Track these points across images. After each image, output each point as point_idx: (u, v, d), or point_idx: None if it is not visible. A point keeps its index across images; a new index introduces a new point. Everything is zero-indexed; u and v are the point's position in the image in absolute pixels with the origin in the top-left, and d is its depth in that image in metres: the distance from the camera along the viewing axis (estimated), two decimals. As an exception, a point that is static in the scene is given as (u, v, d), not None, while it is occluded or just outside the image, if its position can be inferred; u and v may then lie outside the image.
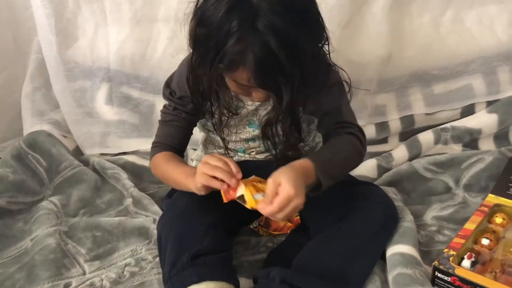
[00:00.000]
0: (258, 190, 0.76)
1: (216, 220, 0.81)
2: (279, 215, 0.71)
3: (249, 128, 0.94)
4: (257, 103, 0.91)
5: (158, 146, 0.94)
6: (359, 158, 0.88)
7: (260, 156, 0.97)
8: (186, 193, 0.85)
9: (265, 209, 0.72)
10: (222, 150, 0.99)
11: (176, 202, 0.88)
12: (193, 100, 0.89)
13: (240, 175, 0.76)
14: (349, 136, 0.87)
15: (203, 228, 0.79)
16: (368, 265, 0.82)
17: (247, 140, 0.96)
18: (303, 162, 0.78)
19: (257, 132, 0.93)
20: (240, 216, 0.93)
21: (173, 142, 0.93)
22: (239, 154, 0.98)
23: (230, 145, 0.97)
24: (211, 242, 0.77)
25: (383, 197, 0.88)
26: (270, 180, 0.73)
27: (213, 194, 0.85)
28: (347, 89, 0.91)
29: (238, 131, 0.95)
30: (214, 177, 0.75)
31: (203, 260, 0.75)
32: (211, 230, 0.79)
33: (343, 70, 0.90)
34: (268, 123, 0.81)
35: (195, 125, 0.97)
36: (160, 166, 0.92)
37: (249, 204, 0.74)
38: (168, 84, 0.95)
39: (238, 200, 0.75)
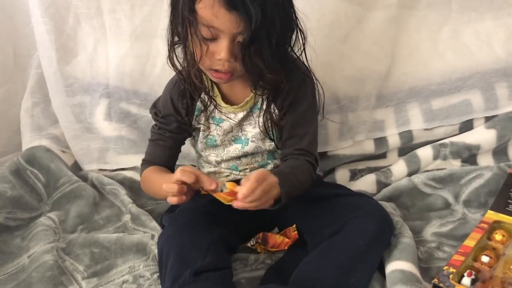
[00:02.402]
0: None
1: (217, 237, 0.82)
2: (257, 193, 0.74)
3: (236, 144, 0.96)
4: (240, 116, 0.92)
5: (145, 163, 0.99)
6: (310, 186, 0.93)
7: None
8: (188, 209, 0.86)
9: (244, 187, 0.74)
10: (217, 169, 0.99)
11: (178, 217, 0.88)
12: (177, 119, 0.94)
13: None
14: (306, 163, 0.93)
15: (205, 245, 0.79)
16: (365, 277, 0.82)
17: (238, 157, 0.97)
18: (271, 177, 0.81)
19: (246, 148, 0.95)
20: (240, 234, 0.93)
21: (160, 161, 0.98)
22: (234, 172, 0.99)
23: (223, 165, 0.98)
24: (213, 259, 0.77)
25: (377, 208, 0.88)
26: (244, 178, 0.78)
27: (215, 212, 0.85)
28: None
29: (226, 149, 0.96)
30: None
31: (206, 277, 0.75)
32: (213, 247, 0.80)
33: (318, 82, 0.96)
34: (243, 45, 0.78)
35: (183, 144, 1.01)
36: (147, 180, 0.97)
37: (229, 187, 0.76)
38: (155, 104, 1.00)
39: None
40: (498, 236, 0.90)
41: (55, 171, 1.16)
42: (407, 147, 1.22)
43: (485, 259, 0.84)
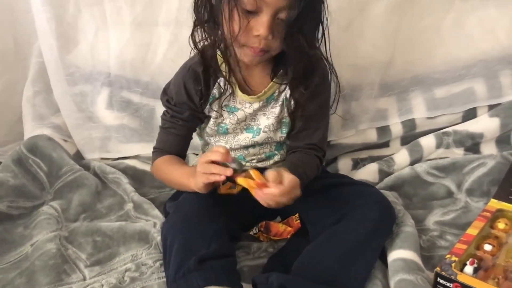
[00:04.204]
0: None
1: (221, 225, 0.81)
2: (284, 198, 0.75)
3: (247, 133, 0.95)
4: (255, 106, 0.91)
5: (157, 152, 0.97)
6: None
7: (261, 164, 0.97)
8: (192, 197, 0.86)
9: (276, 188, 0.74)
10: None
11: (182, 205, 0.88)
12: (190, 106, 0.91)
13: (229, 157, 0.78)
14: (316, 159, 0.94)
15: (210, 233, 0.79)
16: (366, 266, 0.82)
17: (246, 147, 0.96)
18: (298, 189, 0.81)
19: (257, 138, 0.94)
20: (243, 223, 0.93)
21: (172, 149, 0.96)
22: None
23: (231, 154, 0.97)
24: (217, 247, 0.77)
25: (378, 196, 0.88)
26: (270, 171, 0.76)
27: (219, 200, 0.86)
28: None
29: (236, 137, 0.95)
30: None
31: (210, 265, 0.75)
32: (218, 235, 0.79)
33: (335, 75, 0.93)
34: (289, 22, 0.77)
35: (195, 131, 0.99)
36: (161, 170, 0.95)
37: (257, 177, 0.75)
38: (165, 91, 0.96)
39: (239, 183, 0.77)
40: (501, 224, 0.90)
41: (57, 160, 1.16)
42: (410, 136, 1.22)
43: (487, 247, 0.84)
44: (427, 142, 1.19)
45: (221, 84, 0.90)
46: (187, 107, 0.92)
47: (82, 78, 1.23)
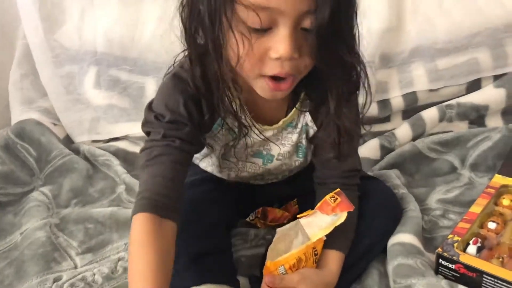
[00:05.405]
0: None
1: (218, 218, 0.77)
2: None
3: (256, 158, 0.80)
4: (268, 134, 0.77)
5: (143, 200, 0.64)
6: None
7: None
8: (188, 189, 0.81)
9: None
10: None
11: None
12: (189, 124, 0.68)
13: None
14: (356, 200, 0.77)
15: (205, 227, 0.74)
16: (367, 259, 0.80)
17: (255, 177, 0.85)
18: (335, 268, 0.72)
19: (269, 166, 0.81)
20: (240, 209, 0.89)
21: (164, 191, 0.65)
22: None
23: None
24: (213, 242, 0.74)
25: (386, 198, 0.84)
26: (296, 276, 0.67)
27: (214, 189, 0.82)
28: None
29: (241, 161, 0.80)
30: None
31: (205, 261, 0.71)
32: (214, 229, 0.76)
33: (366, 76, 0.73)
34: (319, 31, 0.58)
35: (188, 164, 0.71)
36: (132, 249, 0.64)
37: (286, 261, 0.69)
38: (150, 106, 0.70)
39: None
40: (505, 201, 0.86)
41: (46, 144, 1.13)
42: (412, 110, 1.17)
43: (491, 225, 0.80)
44: (430, 115, 1.14)
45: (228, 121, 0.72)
46: (187, 122, 0.68)
47: (69, 59, 1.19)
